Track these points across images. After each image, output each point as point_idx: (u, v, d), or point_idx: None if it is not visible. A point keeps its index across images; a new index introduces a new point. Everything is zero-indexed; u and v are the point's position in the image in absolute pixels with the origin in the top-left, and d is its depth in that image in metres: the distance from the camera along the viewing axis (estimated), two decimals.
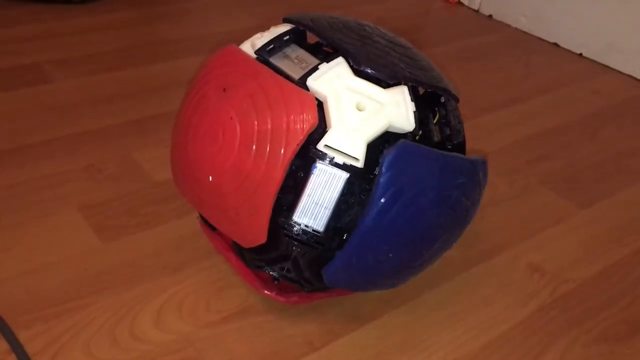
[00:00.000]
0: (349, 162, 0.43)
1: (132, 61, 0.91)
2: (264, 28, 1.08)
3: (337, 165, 0.43)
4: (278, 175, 0.43)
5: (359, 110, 0.43)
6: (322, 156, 0.43)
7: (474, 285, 0.57)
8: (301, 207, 0.44)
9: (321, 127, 0.43)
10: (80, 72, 0.86)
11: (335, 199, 0.44)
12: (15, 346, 0.47)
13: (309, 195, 0.44)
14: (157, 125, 0.76)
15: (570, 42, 1.08)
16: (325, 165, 0.43)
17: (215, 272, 0.56)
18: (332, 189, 0.44)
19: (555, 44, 1.10)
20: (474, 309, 0.54)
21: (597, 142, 0.82)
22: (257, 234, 0.45)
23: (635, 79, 1.00)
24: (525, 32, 1.15)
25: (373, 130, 0.43)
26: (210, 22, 1.06)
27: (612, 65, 1.03)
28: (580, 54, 1.07)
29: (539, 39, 1.13)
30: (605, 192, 0.72)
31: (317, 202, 0.44)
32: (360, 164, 0.43)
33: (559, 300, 0.56)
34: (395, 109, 0.44)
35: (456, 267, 0.59)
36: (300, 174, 0.44)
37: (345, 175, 0.43)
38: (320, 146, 0.43)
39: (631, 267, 0.61)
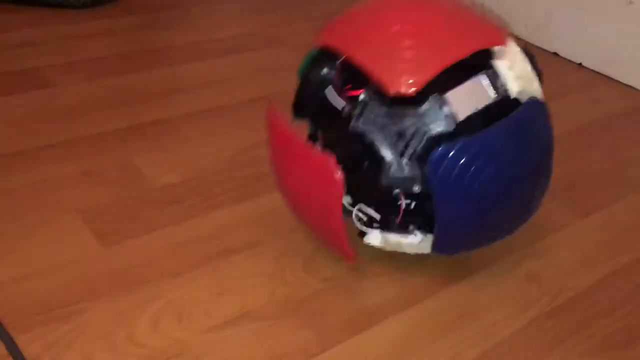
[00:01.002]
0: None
1: (134, 66, 0.91)
2: (265, 34, 1.09)
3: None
4: None
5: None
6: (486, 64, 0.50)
7: (472, 293, 0.57)
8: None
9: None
10: (82, 77, 0.87)
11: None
12: (13, 350, 0.47)
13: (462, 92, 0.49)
14: (158, 131, 0.76)
15: (570, 51, 1.09)
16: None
17: (214, 277, 0.56)
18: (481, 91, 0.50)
19: (555, 54, 1.11)
20: (471, 317, 0.54)
21: (596, 152, 0.82)
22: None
23: (635, 89, 1.01)
24: (525, 42, 1.15)
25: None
26: (212, 28, 1.07)
27: (611, 75, 1.04)
28: (580, 64, 1.08)
29: (539, 48, 1.13)
30: (604, 202, 0.72)
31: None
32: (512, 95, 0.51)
33: (557, 308, 0.56)
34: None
35: (454, 274, 0.59)
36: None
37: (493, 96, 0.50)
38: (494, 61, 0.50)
39: (629, 276, 0.61)
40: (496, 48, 0.51)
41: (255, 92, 0.87)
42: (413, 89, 0.48)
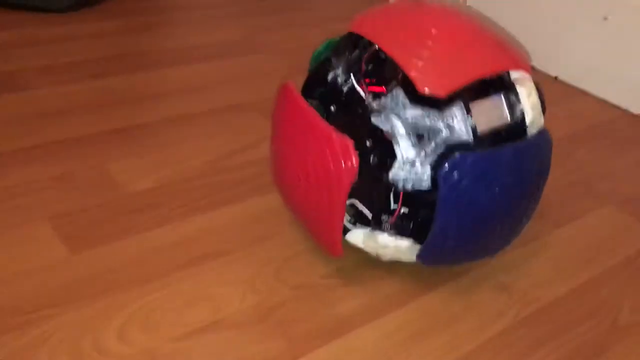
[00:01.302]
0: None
1: (114, 70, 0.91)
2: (249, 40, 1.09)
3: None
4: None
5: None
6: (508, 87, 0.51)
7: (441, 304, 0.57)
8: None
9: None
10: (62, 80, 0.86)
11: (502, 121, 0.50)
12: None
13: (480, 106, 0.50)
14: (134, 136, 0.76)
15: (546, 65, 1.10)
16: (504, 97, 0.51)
17: (184, 285, 0.55)
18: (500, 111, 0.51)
19: (531, 67, 1.12)
20: (439, 328, 0.55)
21: (570, 165, 0.83)
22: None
23: (609, 103, 1.02)
24: None
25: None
26: (195, 33, 1.07)
27: (586, 89, 1.05)
28: (556, 78, 1.09)
29: None
30: (575, 214, 0.73)
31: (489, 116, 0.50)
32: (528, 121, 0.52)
33: (526, 319, 0.57)
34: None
35: (425, 284, 0.59)
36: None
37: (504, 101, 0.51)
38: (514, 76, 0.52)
39: (599, 287, 0.62)
40: (520, 74, 0.52)
41: (237, 98, 0.87)
42: (444, 92, 0.47)
